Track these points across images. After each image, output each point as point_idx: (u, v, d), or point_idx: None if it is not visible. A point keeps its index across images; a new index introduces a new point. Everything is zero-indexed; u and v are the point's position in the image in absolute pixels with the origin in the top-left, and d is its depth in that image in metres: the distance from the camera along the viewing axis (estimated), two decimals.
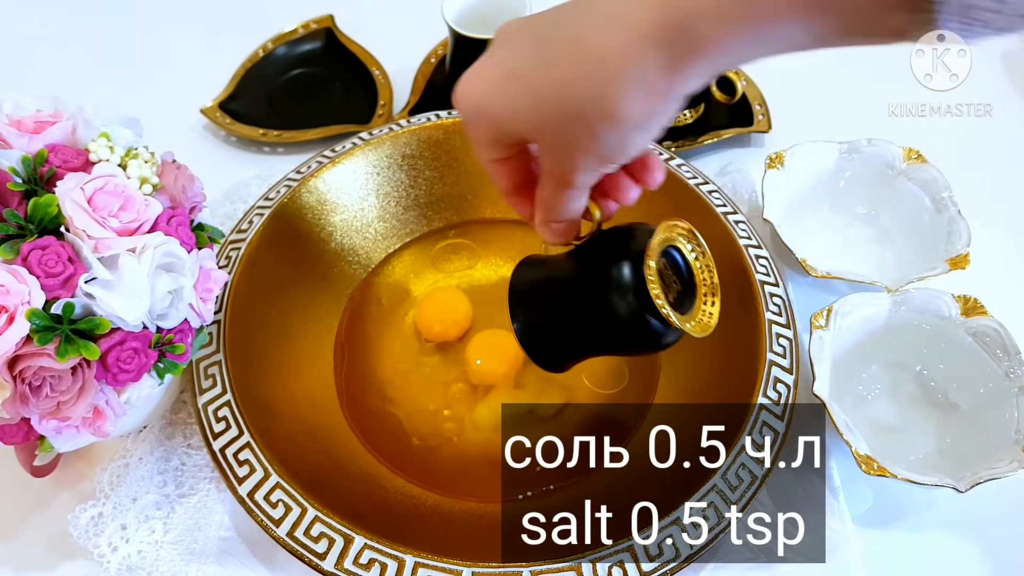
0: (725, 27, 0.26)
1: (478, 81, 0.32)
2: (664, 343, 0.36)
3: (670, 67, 0.27)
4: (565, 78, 0.28)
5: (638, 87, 0.27)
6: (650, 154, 0.34)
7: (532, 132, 0.31)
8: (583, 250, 0.37)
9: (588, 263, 0.36)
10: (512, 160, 0.35)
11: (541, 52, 0.29)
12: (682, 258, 0.36)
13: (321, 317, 0.57)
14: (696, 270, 0.36)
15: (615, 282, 0.34)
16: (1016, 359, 0.50)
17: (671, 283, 0.36)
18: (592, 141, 0.29)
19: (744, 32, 0.26)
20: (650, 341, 0.35)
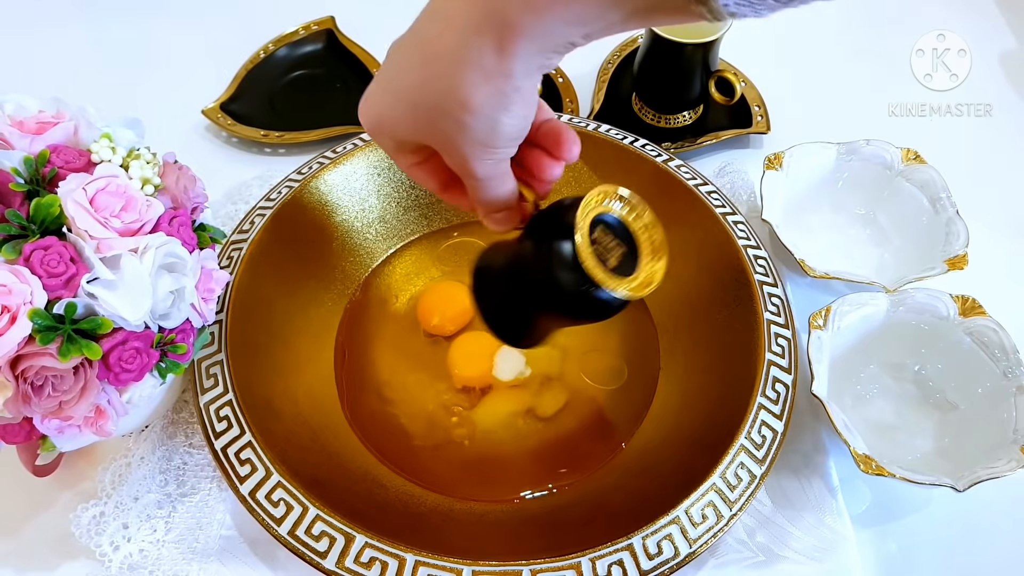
0: (535, 11, 0.29)
1: (370, 99, 0.35)
2: (616, 306, 0.36)
3: (500, 51, 0.29)
4: (421, 81, 0.31)
5: (477, 73, 0.30)
6: (559, 128, 0.36)
7: (419, 135, 0.34)
8: (525, 232, 0.38)
9: (529, 243, 0.37)
10: (427, 162, 0.37)
11: (402, 62, 0.33)
12: (620, 221, 0.37)
13: (322, 317, 0.57)
14: (636, 231, 0.37)
15: (553, 259, 0.35)
16: (1014, 359, 0.50)
17: (611, 248, 0.36)
18: (464, 131, 0.32)
19: (555, 14, 0.29)
20: (601, 307, 0.36)
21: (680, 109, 0.71)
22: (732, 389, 0.48)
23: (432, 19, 0.31)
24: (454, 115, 0.31)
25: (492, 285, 0.41)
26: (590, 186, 0.61)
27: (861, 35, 0.83)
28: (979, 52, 0.67)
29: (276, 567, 0.47)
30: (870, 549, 0.49)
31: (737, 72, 0.74)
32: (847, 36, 0.83)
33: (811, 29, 0.84)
